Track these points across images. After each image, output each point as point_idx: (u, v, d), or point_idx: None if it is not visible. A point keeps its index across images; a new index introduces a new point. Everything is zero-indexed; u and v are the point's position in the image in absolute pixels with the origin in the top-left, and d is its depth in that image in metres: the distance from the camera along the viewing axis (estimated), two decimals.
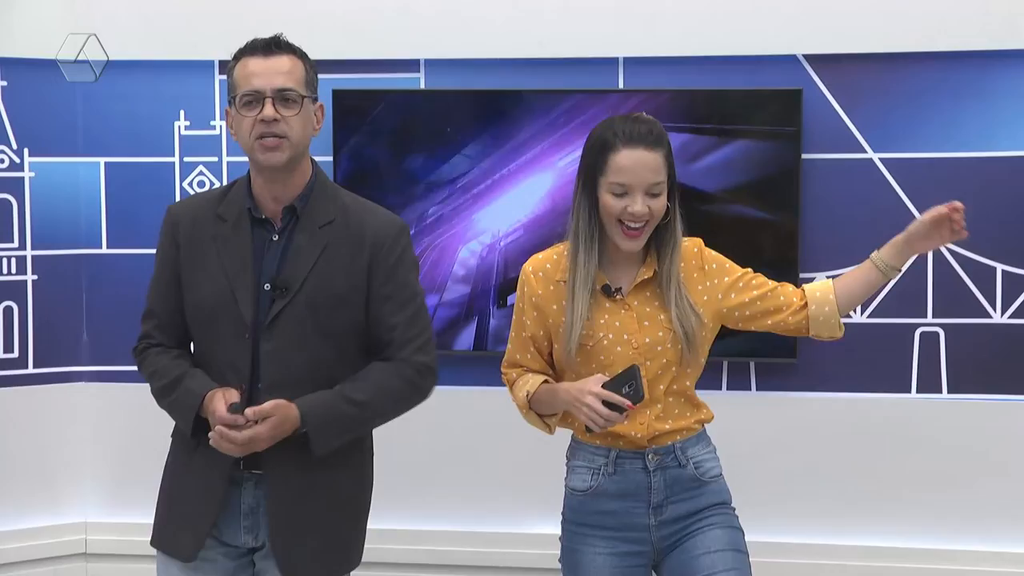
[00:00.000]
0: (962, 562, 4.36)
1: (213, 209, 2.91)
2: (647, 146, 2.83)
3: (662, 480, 2.91)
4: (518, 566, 4.55)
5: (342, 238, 2.87)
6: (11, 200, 4.62)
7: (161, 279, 2.95)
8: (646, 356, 2.88)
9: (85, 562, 4.73)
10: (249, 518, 2.88)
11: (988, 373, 4.35)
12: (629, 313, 2.90)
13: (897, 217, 4.34)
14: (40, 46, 4.56)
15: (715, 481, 2.97)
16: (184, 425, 2.86)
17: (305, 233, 2.86)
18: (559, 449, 4.53)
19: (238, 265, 2.85)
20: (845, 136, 4.36)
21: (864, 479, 4.41)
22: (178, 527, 2.91)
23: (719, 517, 2.93)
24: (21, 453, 4.65)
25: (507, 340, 3.03)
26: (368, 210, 2.94)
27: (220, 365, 2.85)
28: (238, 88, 2.85)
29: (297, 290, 2.83)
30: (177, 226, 2.92)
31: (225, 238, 2.87)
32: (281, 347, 2.83)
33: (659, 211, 2.86)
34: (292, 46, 2.92)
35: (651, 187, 2.84)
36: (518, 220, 4.45)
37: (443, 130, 4.46)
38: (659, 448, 2.91)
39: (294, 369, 2.83)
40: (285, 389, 2.81)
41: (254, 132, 2.82)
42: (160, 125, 4.66)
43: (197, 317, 2.90)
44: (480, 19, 4.49)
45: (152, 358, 2.94)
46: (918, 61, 4.31)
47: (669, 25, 4.40)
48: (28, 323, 4.66)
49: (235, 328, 2.83)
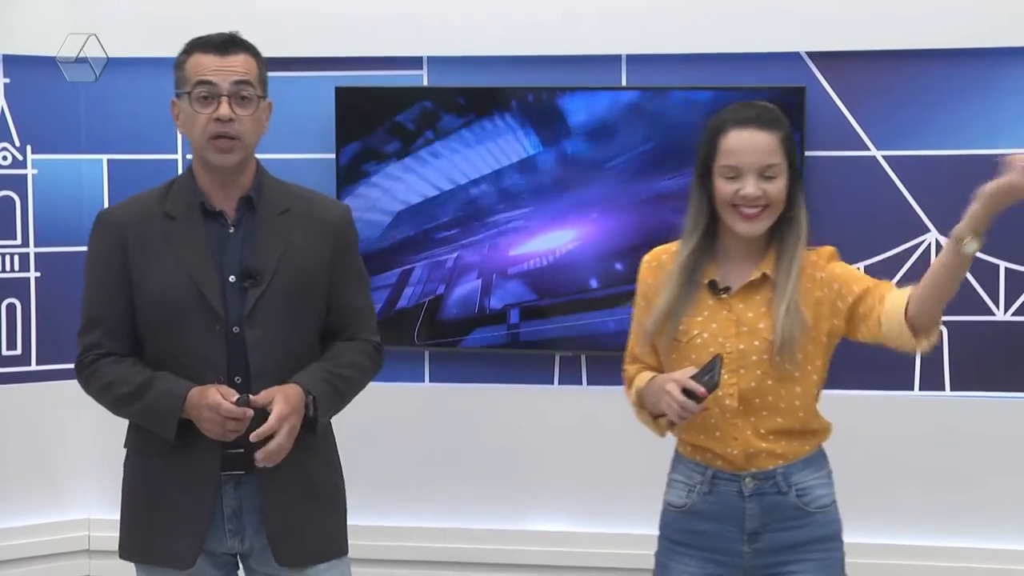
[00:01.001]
0: (965, 559, 4.35)
1: (159, 208, 2.88)
2: (758, 126, 2.74)
3: (758, 507, 2.76)
4: (520, 563, 4.55)
5: (301, 225, 2.89)
6: (14, 197, 4.62)
7: (104, 285, 2.89)
8: (739, 364, 2.74)
9: (88, 559, 4.73)
10: (233, 521, 2.86)
11: (991, 371, 4.35)
12: (729, 315, 2.77)
13: (901, 214, 4.35)
14: (43, 43, 4.56)
15: (823, 512, 2.81)
16: (165, 429, 2.79)
17: (265, 223, 2.87)
18: (560, 446, 4.54)
19: (198, 259, 2.83)
20: (848, 133, 4.35)
21: (866, 476, 4.40)
22: (170, 536, 2.85)
23: (820, 555, 2.79)
24: (24, 450, 4.65)
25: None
26: (316, 197, 3.01)
27: (190, 361, 2.81)
28: (190, 80, 2.85)
29: (271, 278, 2.82)
30: (122, 229, 2.87)
31: (178, 235, 2.85)
32: (263, 336, 2.82)
33: (776, 196, 2.73)
34: (247, 44, 2.92)
35: (764, 169, 2.72)
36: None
37: (446, 127, 4.45)
38: (759, 472, 2.76)
39: (275, 357, 2.83)
40: (268, 377, 2.81)
41: (208, 130, 2.82)
42: (163, 122, 4.59)
43: (156, 317, 2.84)
44: (483, 17, 4.49)
45: (106, 368, 2.87)
46: (922, 58, 4.31)
47: (672, 23, 4.40)
48: (31, 320, 4.66)
49: (205, 322, 2.80)
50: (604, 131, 4.37)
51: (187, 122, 2.87)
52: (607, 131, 4.37)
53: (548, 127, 4.40)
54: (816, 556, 2.79)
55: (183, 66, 2.89)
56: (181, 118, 2.90)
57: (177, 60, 2.92)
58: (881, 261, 4.35)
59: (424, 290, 4.48)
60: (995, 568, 4.34)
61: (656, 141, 4.33)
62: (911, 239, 4.34)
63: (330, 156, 4.49)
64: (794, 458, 2.79)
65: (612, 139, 4.36)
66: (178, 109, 2.91)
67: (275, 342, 2.83)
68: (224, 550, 2.88)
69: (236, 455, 2.81)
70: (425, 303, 4.48)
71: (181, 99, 2.88)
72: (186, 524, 2.83)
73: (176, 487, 2.84)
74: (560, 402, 4.56)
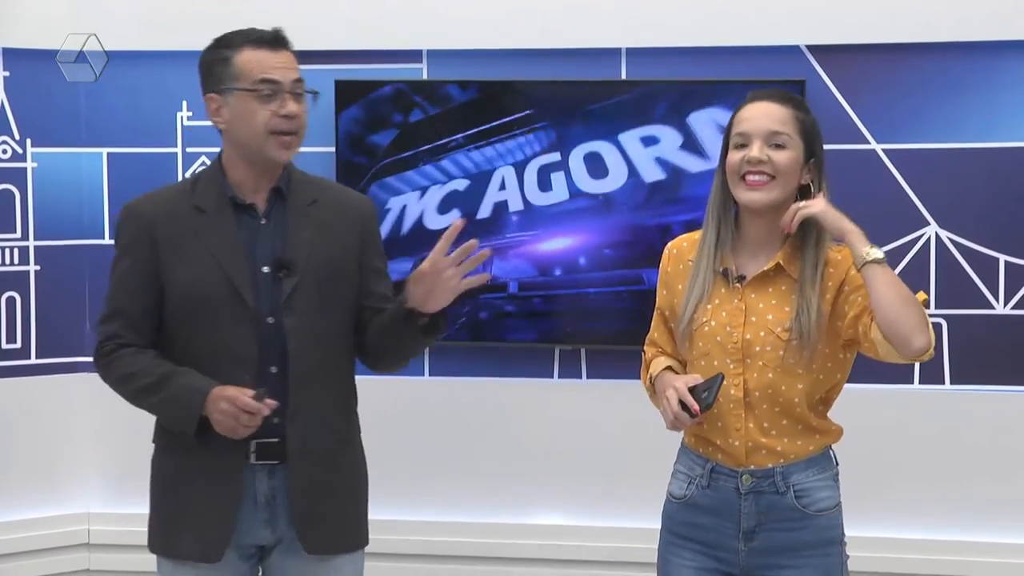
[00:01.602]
0: (964, 553, 4.35)
1: (187, 202, 2.88)
2: (772, 100, 2.74)
3: (754, 505, 2.73)
4: (519, 557, 4.55)
5: (330, 215, 2.92)
6: (13, 190, 4.62)
7: (130, 278, 2.88)
8: (744, 354, 2.72)
9: (88, 552, 4.73)
10: (266, 510, 2.87)
11: (991, 364, 4.35)
12: (740, 304, 2.74)
13: (901, 208, 4.35)
14: (43, 37, 4.55)
15: (823, 515, 2.76)
16: (185, 423, 2.80)
17: (295, 213, 2.88)
18: (560, 440, 4.55)
19: (229, 252, 2.83)
20: (848, 127, 4.35)
21: (866, 470, 4.40)
22: (198, 530, 2.86)
23: (818, 560, 2.75)
24: (23, 444, 4.65)
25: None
26: (340, 188, 3.08)
27: (221, 353, 2.82)
28: (248, 76, 2.82)
29: (305, 266, 2.84)
30: (151, 224, 2.86)
31: (208, 228, 2.85)
32: (300, 324, 2.83)
33: (783, 166, 2.70)
34: (289, 41, 2.93)
35: (771, 136, 2.70)
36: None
37: (445, 120, 4.45)
38: (757, 470, 2.73)
39: (312, 344, 2.85)
40: (306, 365, 2.84)
41: (270, 125, 2.82)
42: (163, 116, 4.66)
43: (188, 310, 2.84)
44: (482, 10, 4.48)
45: (128, 358, 2.87)
46: (921, 52, 4.31)
47: (672, 16, 4.40)
48: (31, 314, 4.66)
49: (237, 315, 2.81)
50: (605, 125, 4.37)
51: (240, 117, 2.84)
52: (608, 125, 4.37)
53: (555, 122, 4.40)
54: (813, 561, 2.75)
55: (230, 62, 2.84)
56: (226, 113, 2.86)
57: (218, 55, 2.87)
58: None
59: None
60: (995, 561, 4.35)
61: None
62: (911, 232, 4.34)
63: (330, 150, 4.49)
64: (795, 457, 2.75)
65: (615, 134, 4.37)
66: (218, 104, 2.86)
67: (311, 330, 2.85)
68: (254, 541, 2.89)
69: (271, 444, 2.83)
70: None
71: (229, 94, 2.84)
72: (213, 518, 2.84)
73: (202, 481, 2.85)
74: (560, 396, 4.56)
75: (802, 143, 2.74)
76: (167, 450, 2.92)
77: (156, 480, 2.97)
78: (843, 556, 2.81)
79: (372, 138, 4.49)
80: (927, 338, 2.61)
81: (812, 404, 2.78)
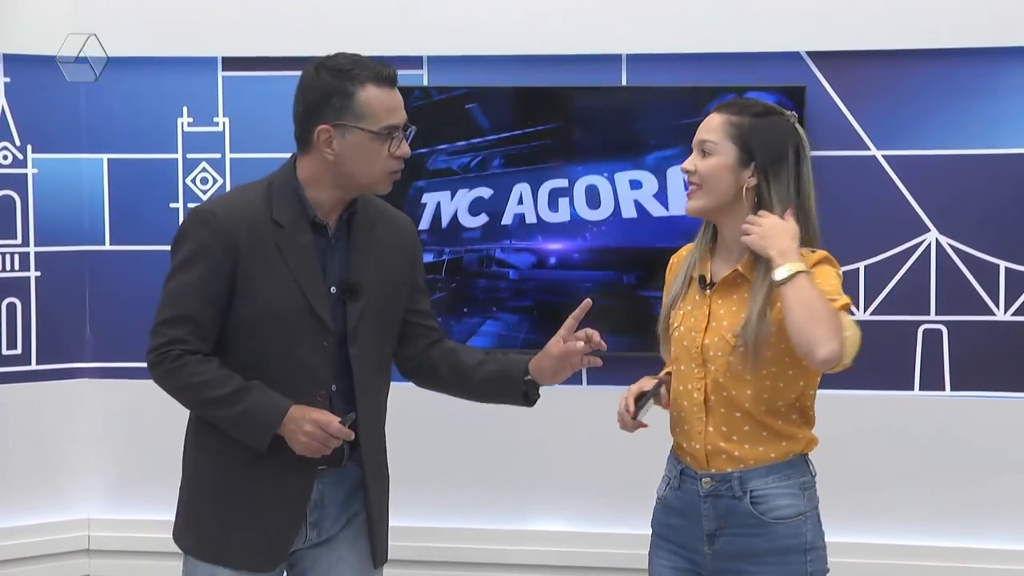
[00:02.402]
0: (964, 559, 4.35)
1: (267, 214, 2.84)
2: (716, 110, 2.79)
3: (713, 509, 2.75)
4: (518, 563, 4.55)
5: (387, 238, 2.96)
6: (14, 196, 4.62)
7: (204, 285, 2.82)
8: (704, 359, 2.75)
9: (88, 558, 4.73)
10: (315, 512, 2.90)
11: (991, 370, 4.35)
12: (705, 310, 2.78)
13: (901, 214, 4.35)
14: (44, 42, 4.56)
15: (782, 524, 2.72)
16: (257, 439, 2.78)
17: (360, 236, 2.91)
18: (560, 446, 4.54)
19: (308, 272, 2.84)
20: (848, 133, 4.35)
21: (866, 476, 4.40)
22: (253, 537, 2.86)
23: (777, 568, 2.72)
24: (24, 449, 4.65)
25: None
26: (389, 210, 3.04)
27: (294, 372, 2.82)
28: (375, 118, 2.80)
29: (370, 290, 2.88)
30: (233, 235, 2.81)
31: (288, 244, 2.83)
32: (364, 349, 2.88)
33: (706, 173, 2.74)
34: None
35: (699, 144, 2.77)
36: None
37: (446, 126, 4.45)
38: (717, 474, 2.74)
39: (373, 368, 2.91)
40: (368, 389, 2.90)
41: (390, 166, 2.84)
42: (163, 122, 4.66)
43: (264, 325, 2.83)
44: (483, 16, 4.49)
45: (196, 366, 2.81)
46: (922, 58, 4.31)
47: (672, 22, 4.40)
48: (31, 319, 4.66)
49: (314, 334, 2.83)
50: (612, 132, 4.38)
51: (361, 156, 2.81)
52: (615, 132, 4.38)
53: (557, 127, 4.40)
54: (772, 568, 2.73)
55: (354, 97, 2.80)
56: (338, 147, 2.81)
57: (339, 86, 2.80)
58: (881, 261, 4.35)
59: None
60: (996, 568, 4.34)
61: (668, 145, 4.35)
62: (911, 239, 4.34)
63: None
64: (755, 463, 2.74)
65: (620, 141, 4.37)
66: (331, 136, 2.81)
67: (372, 354, 2.90)
68: (299, 545, 2.90)
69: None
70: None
71: (348, 131, 2.81)
72: (273, 526, 2.86)
73: (266, 490, 2.85)
74: (560, 402, 4.54)
75: (734, 147, 2.74)
76: (226, 457, 2.88)
77: (202, 484, 2.93)
78: (807, 567, 2.75)
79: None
80: (830, 350, 2.58)
81: (774, 410, 2.75)
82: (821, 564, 2.78)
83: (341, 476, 2.91)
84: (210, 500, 2.91)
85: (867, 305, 4.37)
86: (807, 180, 2.78)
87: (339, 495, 2.92)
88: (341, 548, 2.94)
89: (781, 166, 2.75)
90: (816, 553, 2.77)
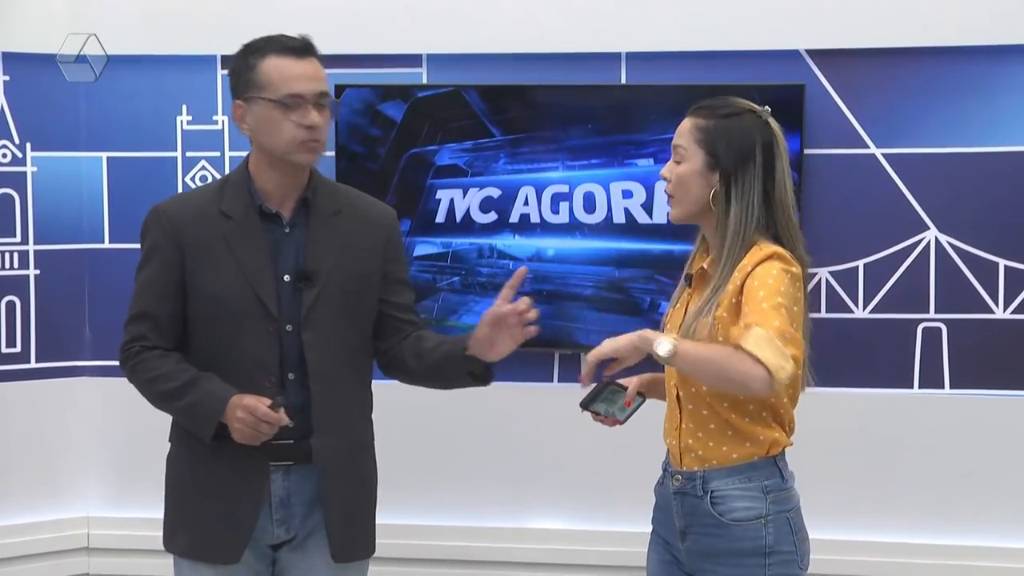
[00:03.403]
0: (963, 557, 4.35)
1: (215, 207, 2.90)
2: (689, 112, 2.80)
3: (681, 507, 2.78)
4: (518, 561, 4.55)
5: (355, 225, 2.95)
6: (13, 195, 4.62)
7: (158, 281, 2.91)
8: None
9: (87, 556, 4.73)
10: (281, 510, 2.91)
11: (990, 368, 4.35)
12: (682, 308, 2.82)
13: (899, 212, 4.35)
14: (43, 41, 4.56)
15: (740, 525, 2.70)
16: (204, 430, 2.84)
17: (320, 223, 2.91)
18: (560, 444, 4.54)
19: (255, 262, 2.86)
20: (848, 131, 4.35)
21: (865, 475, 4.41)
22: (217, 530, 2.89)
23: (734, 570, 2.70)
24: (23, 448, 4.65)
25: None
26: (365, 198, 3.06)
27: (243, 362, 2.86)
28: (273, 88, 2.84)
29: (327, 279, 2.87)
30: (180, 227, 2.90)
31: (235, 235, 2.88)
32: (320, 336, 2.87)
33: (676, 180, 2.76)
34: (316, 48, 2.95)
35: (673, 150, 2.79)
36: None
37: (446, 125, 4.45)
38: (685, 472, 2.77)
39: (331, 356, 2.89)
40: (325, 377, 2.88)
41: (297, 136, 2.84)
42: (162, 120, 4.66)
43: (212, 317, 2.88)
44: (482, 14, 4.49)
45: (152, 361, 2.90)
46: (921, 56, 4.31)
47: (671, 20, 4.40)
48: (30, 318, 4.66)
49: (260, 324, 2.85)
50: (609, 130, 4.38)
51: (266, 126, 2.87)
52: (611, 130, 4.38)
53: (555, 125, 4.41)
54: (728, 571, 2.72)
55: (255, 69, 2.87)
56: (251, 120, 2.89)
57: (243, 62, 2.90)
58: (880, 259, 4.35)
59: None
60: (995, 566, 4.34)
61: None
62: (910, 237, 4.34)
63: (330, 154, 4.48)
64: (717, 463, 2.73)
65: (619, 138, 4.37)
66: (243, 110, 2.89)
67: (330, 341, 2.89)
68: (269, 540, 2.92)
69: (285, 446, 2.86)
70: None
71: (254, 102, 2.87)
72: (233, 518, 2.88)
73: (224, 480, 2.88)
74: (559, 400, 4.55)
75: (701, 151, 2.74)
76: (188, 451, 2.93)
77: (175, 480, 2.99)
78: (766, 571, 2.71)
79: (372, 142, 4.48)
80: (761, 383, 2.54)
81: (740, 407, 2.73)
82: (788, 569, 2.73)
83: (309, 473, 2.91)
84: (179, 494, 2.97)
85: (866, 303, 4.37)
86: (782, 176, 2.76)
87: (307, 493, 2.92)
88: (311, 546, 2.94)
89: (747, 167, 2.72)
90: (780, 557, 2.72)
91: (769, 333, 2.55)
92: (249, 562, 2.91)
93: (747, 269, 2.67)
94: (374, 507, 3.07)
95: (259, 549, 2.93)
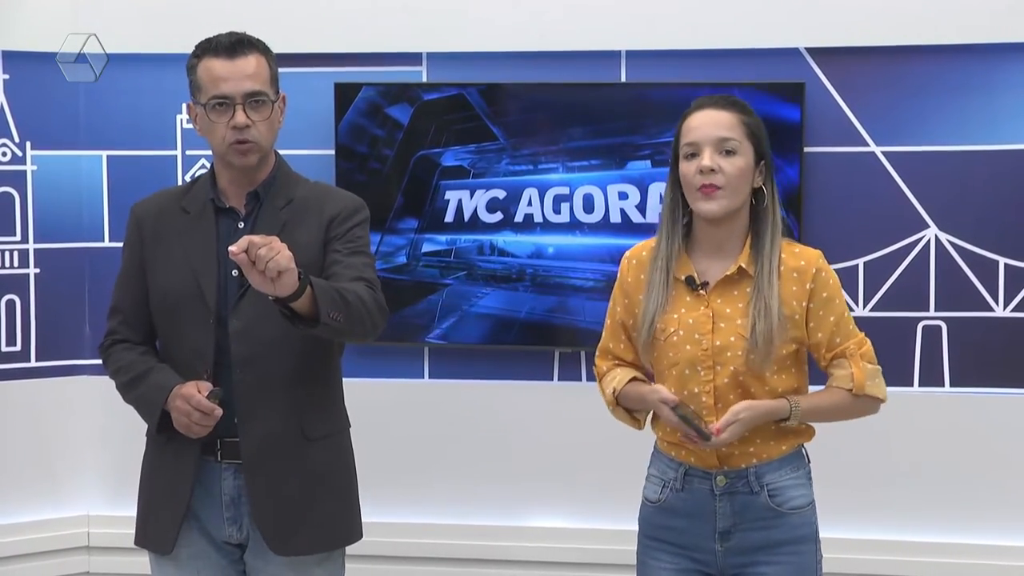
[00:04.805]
0: (963, 555, 4.35)
1: (177, 203, 2.98)
2: (717, 107, 2.77)
3: (729, 506, 2.76)
4: (517, 559, 4.55)
5: (300, 215, 2.94)
6: (13, 193, 4.62)
7: (127, 275, 3.01)
8: (715, 360, 2.74)
9: (88, 555, 4.73)
10: (231, 509, 2.92)
11: (990, 366, 4.35)
12: (707, 311, 2.76)
13: (900, 210, 4.35)
14: (42, 39, 4.56)
15: (796, 513, 2.77)
16: (150, 420, 2.93)
17: (266, 216, 2.93)
18: (559, 442, 4.54)
19: (202, 254, 2.91)
20: (848, 129, 4.35)
21: (865, 472, 4.41)
22: (156, 520, 2.95)
23: (792, 557, 2.75)
24: (23, 446, 4.65)
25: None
26: (330, 191, 3.06)
27: (185, 353, 2.91)
28: (205, 91, 2.89)
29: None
30: (142, 222, 2.99)
31: (189, 230, 2.94)
32: (248, 325, 2.87)
33: (734, 172, 2.72)
34: (255, 42, 2.95)
35: (720, 142, 2.73)
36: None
37: (445, 124, 4.45)
38: (731, 471, 2.76)
39: (262, 345, 2.88)
40: (255, 365, 2.87)
41: (227, 138, 2.87)
42: (162, 118, 4.66)
43: (161, 309, 2.95)
44: (482, 12, 4.49)
45: (117, 354, 2.99)
46: (921, 54, 4.31)
47: (671, 18, 4.40)
48: (30, 317, 4.66)
49: (200, 315, 2.89)
50: (606, 128, 4.39)
51: (205, 128, 2.93)
52: (609, 131, 4.38)
53: (552, 123, 4.41)
54: (787, 559, 2.76)
55: (195, 71, 2.93)
56: (199, 123, 2.96)
57: (188, 64, 2.96)
58: (880, 257, 4.35)
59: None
60: (994, 564, 4.34)
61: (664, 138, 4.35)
62: (910, 235, 4.34)
63: (330, 152, 4.49)
64: (768, 457, 2.77)
65: (615, 136, 4.38)
66: (195, 113, 2.96)
67: (262, 330, 2.86)
68: (224, 538, 2.95)
69: (234, 443, 2.88)
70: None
71: (197, 107, 2.94)
72: (168, 508, 2.93)
73: (165, 474, 2.95)
74: (559, 398, 4.56)
75: (751, 147, 2.77)
76: (149, 445, 3.02)
77: (142, 474, 3.06)
78: (817, 555, 2.81)
79: (371, 141, 4.48)
80: (876, 407, 2.89)
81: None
82: (821, 553, 2.85)
83: None
84: (140, 487, 3.04)
85: (866, 301, 4.37)
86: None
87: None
88: (264, 547, 2.93)
89: (773, 164, 2.82)
90: (820, 543, 2.83)
91: (874, 364, 2.85)
92: (211, 556, 2.94)
93: (809, 271, 2.77)
94: (341, 497, 3.00)
95: (221, 547, 2.96)
